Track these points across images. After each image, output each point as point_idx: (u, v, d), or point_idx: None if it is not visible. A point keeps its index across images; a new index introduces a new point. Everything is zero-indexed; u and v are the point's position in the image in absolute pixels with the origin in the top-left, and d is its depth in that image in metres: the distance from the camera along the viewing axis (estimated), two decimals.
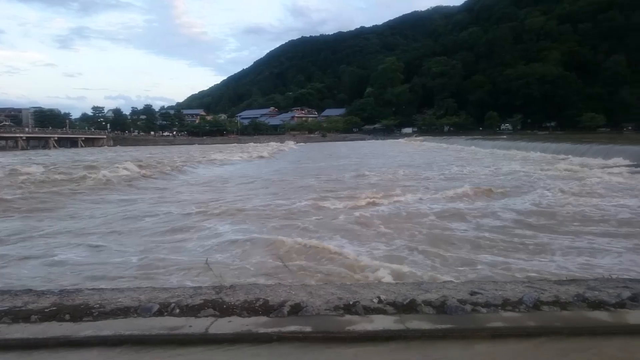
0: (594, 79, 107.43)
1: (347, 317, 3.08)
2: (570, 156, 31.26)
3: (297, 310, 3.17)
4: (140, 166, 27.87)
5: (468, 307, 3.23)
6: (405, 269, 6.73)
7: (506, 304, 3.31)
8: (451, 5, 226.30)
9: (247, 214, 12.01)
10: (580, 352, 2.79)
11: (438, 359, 2.68)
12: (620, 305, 3.29)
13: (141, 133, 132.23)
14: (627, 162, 24.21)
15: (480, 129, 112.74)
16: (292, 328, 2.89)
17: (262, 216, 11.64)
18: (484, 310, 3.22)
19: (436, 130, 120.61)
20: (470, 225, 9.96)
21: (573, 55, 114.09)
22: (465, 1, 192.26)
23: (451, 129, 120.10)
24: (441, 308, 3.22)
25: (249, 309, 3.20)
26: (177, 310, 3.19)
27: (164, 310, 3.20)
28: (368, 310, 3.17)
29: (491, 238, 8.78)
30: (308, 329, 2.89)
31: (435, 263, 7.28)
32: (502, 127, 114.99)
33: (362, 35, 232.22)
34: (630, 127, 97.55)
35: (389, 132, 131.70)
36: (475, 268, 6.92)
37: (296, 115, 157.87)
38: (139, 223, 11.27)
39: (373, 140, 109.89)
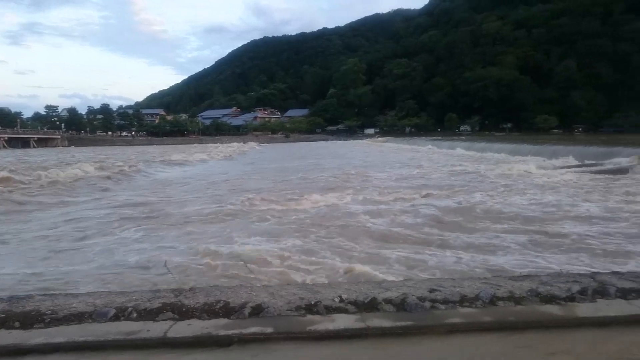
0: (547, 82, 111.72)
1: (309, 317, 3.09)
2: (527, 156, 32.29)
3: (258, 311, 3.15)
4: (90, 168, 26.79)
5: (427, 304, 3.29)
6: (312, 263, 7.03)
7: (464, 300, 3.40)
8: (412, 8, 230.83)
9: (171, 219, 11.65)
10: (534, 345, 2.89)
11: (398, 356, 2.73)
12: (571, 299, 3.44)
13: (98, 133, 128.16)
14: (575, 161, 25.30)
15: (439, 130, 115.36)
16: (253, 329, 2.87)
17: (188, 220, 11.32)
18: (442, 306, 3.29)
19: (398, 131, 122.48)
20: (389, 222, 10.22)
21: (528, 59, 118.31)
22: (425, 5, 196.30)
23: (412, 129, 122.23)
24: (401, 306, 3.27)
25: (209, 311, 3.15)
26: (135, 315, 3.11)
27: (120, 314, 3.12)
28: (330, 310, 3.18)
29: (405, 234, 9.08)
30: (269, 329, 2.87)
31: (342, 258, 7.48)
32: (462, 128, 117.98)
33: (324, 36, 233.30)
34: (580, 129, 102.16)
35: (352, 132, 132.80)
36: (379, 265, 7.07)
37: (259, 116, 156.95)
38: (53, 230, 10.63)
39: (336, 141, 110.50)
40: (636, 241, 8.29)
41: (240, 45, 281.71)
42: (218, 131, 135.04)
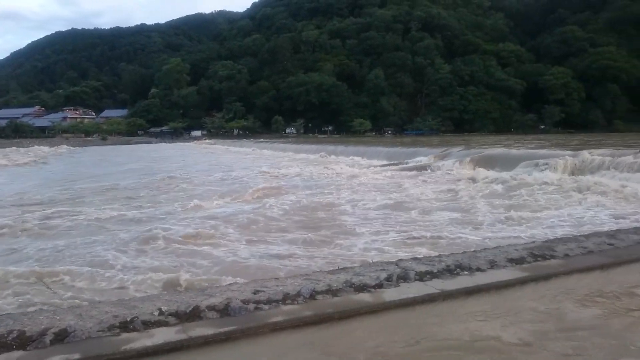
0: (360, 89, 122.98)
1: (124, 335, 2.86)
2: (350, 157, 34.71)
3: (62, 337, 2.80)
4: None
5: (251, 306, 3.32)
6: None
7: (286, 298, 3.51)
8: (235, 11, 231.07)
9: None
10: (349, 332, 3.13)
11: None
12: (379, 286, 3.81)
13: None
14: (387, 161, 28.33)
15: (259, 132, 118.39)
16: (56, 359, 2.54)
17: None
18: (266, 307, 3.35)
19: (226, 133, 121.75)
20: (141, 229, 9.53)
21: (343, 67, 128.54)
22: (248, 8, 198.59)
23: (240, 132, 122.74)
24: (225, 311, 3.23)
25: None
26: None
27: None
28: (148, 325, 2.99)
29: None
30: (76, 356, 2.58)
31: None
32: (288, 130, 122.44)
33: (143, 33, 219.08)
34: (390, 132, 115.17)
35: (178, 134, 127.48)
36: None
37: (69, 116, 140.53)
38: None
39: (161, 144, 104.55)
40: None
41: (42, 37, 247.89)
42: (17, 133, 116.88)
